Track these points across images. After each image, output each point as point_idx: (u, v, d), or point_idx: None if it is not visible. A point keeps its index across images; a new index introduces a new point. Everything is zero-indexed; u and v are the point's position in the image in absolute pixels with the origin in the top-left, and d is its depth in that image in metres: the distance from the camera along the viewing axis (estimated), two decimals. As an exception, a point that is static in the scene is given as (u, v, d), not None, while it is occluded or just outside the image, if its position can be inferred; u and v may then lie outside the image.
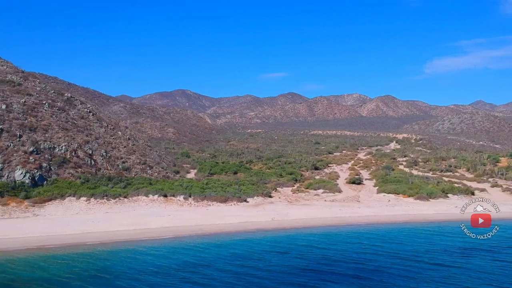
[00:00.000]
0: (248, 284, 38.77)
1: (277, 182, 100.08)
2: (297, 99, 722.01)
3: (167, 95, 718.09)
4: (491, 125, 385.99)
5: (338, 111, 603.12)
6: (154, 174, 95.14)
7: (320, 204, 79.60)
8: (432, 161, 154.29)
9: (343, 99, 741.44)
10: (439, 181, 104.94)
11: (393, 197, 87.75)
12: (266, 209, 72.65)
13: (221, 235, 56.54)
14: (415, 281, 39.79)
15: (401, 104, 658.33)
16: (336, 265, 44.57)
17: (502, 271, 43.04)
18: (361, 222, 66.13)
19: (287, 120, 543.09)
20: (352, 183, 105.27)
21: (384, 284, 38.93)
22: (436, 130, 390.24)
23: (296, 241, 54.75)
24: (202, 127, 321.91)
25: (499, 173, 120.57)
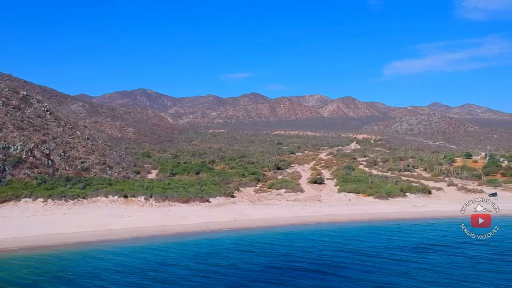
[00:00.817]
0: (212, 282, 38.76)
1: (239, 182, 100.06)
2: (260, 99, 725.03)
3: (127, 94, 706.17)
4: (447, 126, 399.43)
5: (300, 112, 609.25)
6: (114, 175, 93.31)
7: (282, 204, 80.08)
8: (391, 161, 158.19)
9: (305, 100, 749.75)
10: (398, 180, 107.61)
11: (354, 197, 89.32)
12: (229, 209, 72.50)
13: (184, 235, 56.04)
14: (375, 275, 40.93)
15: (361, 105, 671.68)
16: (299, 263, 45.14)
17: (457, 265, 44.69)
18: (322, 221, 67.01)
19: (249, 120, 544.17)
20: (314, 182, 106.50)
21: (345, 279, 39.85)
22: (394, 131, 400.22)
23: (259, 240, 54.93)
24: (163, 127, 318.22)
25: (455, 173, 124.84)
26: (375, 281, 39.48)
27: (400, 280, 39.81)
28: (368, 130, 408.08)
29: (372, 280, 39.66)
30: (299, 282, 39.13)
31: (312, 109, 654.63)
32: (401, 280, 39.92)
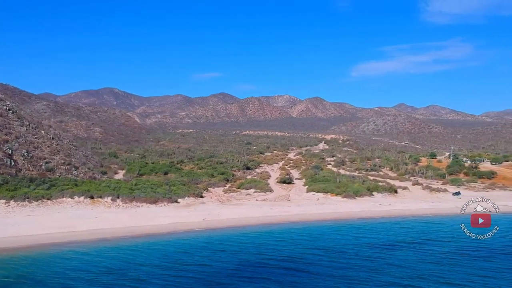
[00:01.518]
0: (181, 283, 38.44)
1: (208, 182, 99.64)
2: (229, 99, 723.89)
3: (93, 94, 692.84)
4: (412, 127, 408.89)
5: (269, 112, 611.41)
6: (80, 175, 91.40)
7: (251, 204, 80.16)
8: (358, 161, 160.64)
9: (274, 100, 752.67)
10: (365, 180, 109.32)
11: (322, 196, 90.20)
12: (198, 210, 72.08)
13: (152, 236, 55.37)
14: (343, 272, 41.53)
15: (330, 106, 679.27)
16: (269, 261, 45.35)
17: (420, 263, 45.66)
18: (291, 221, 67.43)
19: (218, 120, 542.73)
20: (283, 182, 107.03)
21: (314, 276, 40.34)
22: (362, 131, 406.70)
23: (229, 239, 54.85)
24: (130, 126, 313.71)
25: (420, 172, 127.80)
26: (343, 278, 40.06)
27: (368, 276, 40.58)
28: (336, 131, 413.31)
29: (341, 277, 40.30)
30: (269, 280, 39.39)
31: (281, 109, 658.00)
32: (369, 276, 40.71)
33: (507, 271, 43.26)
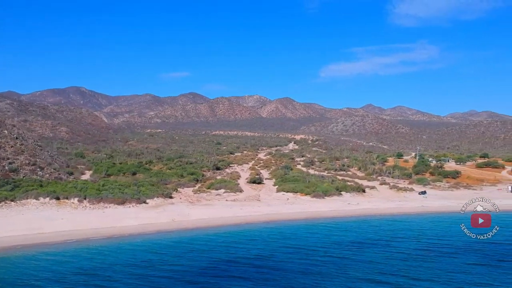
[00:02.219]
0: (152, 284, 38.10)
1: (178, 183, 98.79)
2: (199, 99, 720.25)
3: (59, 92, 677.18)
4: (380, 127, 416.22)
5: (239, 112, 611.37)
6: (46, 176, 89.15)
7: (221, 204, 79.92)
8: (327, 161, 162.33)
9: (244, 100, 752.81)
10: (334, 179, 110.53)
11: (292, 196, 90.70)
12: (167, 210, 71.37)
13: (121, 238, 54.49)
14: (312, 271, 41.92)
15: (299, 106, 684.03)
16: (239, 261, 45.41)
17: (388, 260, 46.59)
18: (262, 220, 67.61)
19: (188, 120, 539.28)
20: (253, 182, 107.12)
21: (284, 274, 40.67)
22: (330, 132, 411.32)
23: (199, 240, 54.57)
24: (98, 126, 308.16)
25: (387, 172, 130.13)
26: (313, 275, 40.53)
27: (338, 273, 41.15)
28: (306, 131, 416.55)
29: (311, 274, 40.78)
30: (240, 278, 39.55)
31: (251, 109, 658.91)
32: (338, 273, 41.28)
33: (471, 267, 44.60)
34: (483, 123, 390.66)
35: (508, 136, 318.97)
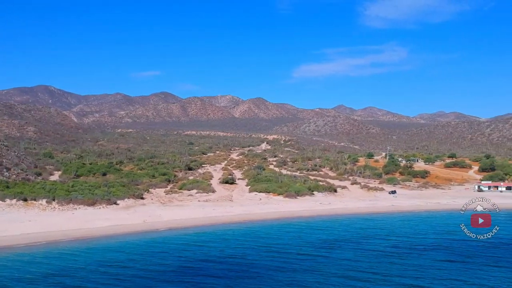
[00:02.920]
0: (125, 285, 37.52)
1: (149, 183, 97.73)
2: (171, 98, 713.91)
3: (27, 91, 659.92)
4: (351, 128, 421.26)
5: (212, 112, 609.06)
6: (12, 177, 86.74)
7: (194, 204, 79.44)
8: (300, 161, 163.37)
9: (217, 100, 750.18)
10: (306, 179, 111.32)
11: (264, 196, 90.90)
12: (138, 211, 70.48)
13: (91, 240, 53.44)
14: (285, 270, 42.08)
15: (272, 106, 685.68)
16: (213, 261, 45.21)
17: (359, 258, 47.29)
18: (235, 221, 67.48)
19: (159, 120, 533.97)
20: (226, 183, 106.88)
21: (256, 275, 40.62)
22: (303, 132, 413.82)
23: (171, 241, 54.04)
24: (67, 126, 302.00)
25: (358, 172, 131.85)
26: (284, 276, 40.56)
27: (310, 272, 41.42)
28: (278, 131, 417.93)
29: (282, 275, 40.79)
30: (213, 279, 39.35)
31: (224, 109, 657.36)
32: (310, 271, 41.54)
33: (438, 263, 45.62)
34: (451, 124, 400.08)
35: (474, 137, 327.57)
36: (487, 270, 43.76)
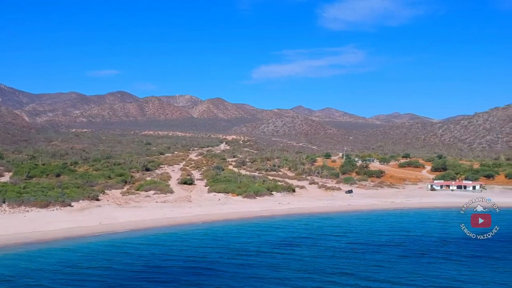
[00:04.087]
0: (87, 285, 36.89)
1: (105, 184, 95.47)
2: (128, 98, 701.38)
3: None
4: (309, 128, 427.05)
5: (170, 112, 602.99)
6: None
7: (151, 206, 78.24)
8: (259, 161, 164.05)
9: (175, 100, 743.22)
10: (265, 180, 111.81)
11: (223, 196, 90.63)
12: (94, 213, 68.73)
13: (44, 243, 51.57)
14: (244, 269, 42.40)
15: (231, 106, 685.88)
16: (171, 263, 44.82)
17: (317, 256, 48.07)
18: (194, 221, 66.95)
19: (116, 120, 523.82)
20: (184, 183, 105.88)
21: (217, 274, 40.74)
22: (262, 132, 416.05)
23: (128, 243, 52.93)
24: (18, 125, 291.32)
25: (316, 172, 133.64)
26: (244, 274, 40.84)
27: (269, 271, 41.84)
28: (237, 131, 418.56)
29: (242, 273, 41.10)
30: (173, 279, 39.23)
31: (182, 109, 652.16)
32: (270, 270, 41.97)
33: (394, 259, 47.18)
34: (405, 125, 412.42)
35: (428, 137, 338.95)
36: (439, 264, 45.75)
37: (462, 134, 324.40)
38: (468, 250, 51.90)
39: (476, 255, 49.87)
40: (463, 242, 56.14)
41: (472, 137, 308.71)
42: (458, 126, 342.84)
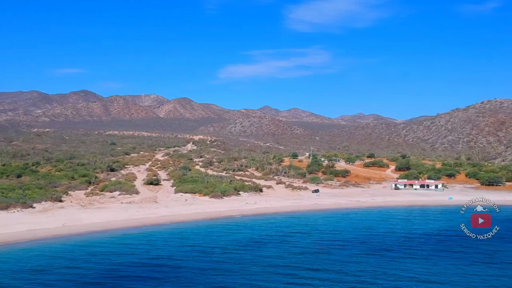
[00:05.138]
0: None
1: (68, 185, 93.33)
2: (92, 97, 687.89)
3: None
4: (276, 128, 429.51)
5: (136, 112, 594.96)
6: None
7: (116, 207, 76.96)
8: (226, 161, 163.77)
9: (141, 99, 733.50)
10: (232, 180, 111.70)
11: (190, 196, 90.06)
12: (56, 215, 67.06)
13: (6, 245, 49.92)
14: (211, 269, 42.31)
15: (198, 106, 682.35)
16: (138, 263, 44.32)
17: (285, 254, 48.63)
18: (160, 222, 66.21)
19: (80, 119, 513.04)
20: (150, 184, 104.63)
21: (184, 274, 40.48)
22: (229, 132, 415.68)
23: (92, 245, 51.90)
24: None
25: (283, 172, 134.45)
26: (212, 274, 40.77)
27: (237, 270, 41.93)
28: (204, 131, 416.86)
29: (210, 273, 41.05)
30: (139, 281, 38.86)
31: (148, 109, 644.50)
32: (237, 270, 42.07)
33: (359, 256, 48.29)
34: (369, 125, 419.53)
35: (391, 138, 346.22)
36: (402, 259, 47.28)
37: (424, 134, 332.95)
38: (430, 246, 54.12)
39: (437, 250, 51.94)
40: (425, 239, 58.37)
41: (434, 137, 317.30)
42: (421, 126, 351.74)
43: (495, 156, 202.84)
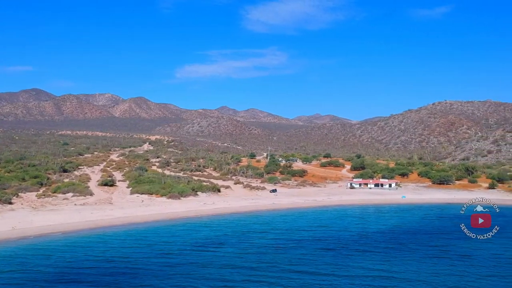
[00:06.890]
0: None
1: (18, 187, 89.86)
2: (43, 96, 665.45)
3: None
4: (234, 129, 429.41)
5: (89, 111, 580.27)
6: None
7: (70, 209, 74.76)
8: (183, 162, 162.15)
9: (95, 98, 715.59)
10: (190, 180, 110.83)
11: (147, 197, 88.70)
12: (6, 217, 64.51)
13: None
14: (167, 270, 41.78)
15: (154, 106, 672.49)
16: (91, 266, 43.21)
17: (243, 252, 49.15)
18: (115, 224, 64.85)
19: (30, 119, 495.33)
20: (105, 185, 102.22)
21: (138, 276, 39.95)
22: (186, 132, 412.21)
23: (43, 248, 50.27)
24: None
25: (241, 172, 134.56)
26: (168, 272, 40.74)
27: (192, 269, 42.04)
28: (161, 131, 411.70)
29: (165, 272, 41.10)
30: (93, 280, 38.57)
31: (103, 108, 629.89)
32: (192, 269, 42.21)
33: (317, 252, 49.56)
34: (326, 126, 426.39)
35: (347, 138, 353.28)
36: (357, 255, 48.73)
37: (379, 134, 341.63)
38: (383, 243, 55.81)
39: (389, 246, 53.60)
40: (379, 236, 60.00)
41: (388, 138, 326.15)
42: (375, 127, 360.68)
43: (446, 156, 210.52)
